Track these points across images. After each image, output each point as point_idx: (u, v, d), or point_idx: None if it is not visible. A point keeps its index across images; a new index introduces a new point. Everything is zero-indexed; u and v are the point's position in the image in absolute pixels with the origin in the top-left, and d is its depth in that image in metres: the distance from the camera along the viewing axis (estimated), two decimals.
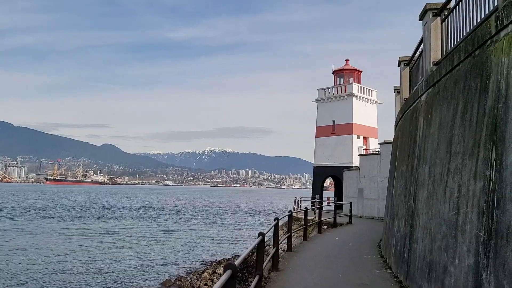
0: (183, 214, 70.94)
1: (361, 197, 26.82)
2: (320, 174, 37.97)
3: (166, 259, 31.28)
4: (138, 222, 55.30)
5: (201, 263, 31.31)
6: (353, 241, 14.48)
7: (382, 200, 25.00)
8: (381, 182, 25.19)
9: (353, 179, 28.38)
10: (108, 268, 27.51)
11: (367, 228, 19.65)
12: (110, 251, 33.33)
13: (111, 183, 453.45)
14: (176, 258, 31.81)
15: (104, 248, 34.33)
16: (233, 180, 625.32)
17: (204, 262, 31.17)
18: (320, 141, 38.02)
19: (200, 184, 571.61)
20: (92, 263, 28.87)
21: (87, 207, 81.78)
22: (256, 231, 47.83)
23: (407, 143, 8.96)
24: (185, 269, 28.41)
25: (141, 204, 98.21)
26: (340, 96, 36.52)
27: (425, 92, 7.80)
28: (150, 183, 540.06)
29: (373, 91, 38.28)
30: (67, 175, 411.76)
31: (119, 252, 32.91)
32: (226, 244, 38.97)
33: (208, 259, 32.54)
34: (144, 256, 31.62)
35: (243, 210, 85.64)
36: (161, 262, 30.00)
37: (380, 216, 25.10)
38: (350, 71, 38.14)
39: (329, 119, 37.34)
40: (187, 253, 34.53)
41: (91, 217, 59.54)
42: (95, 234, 42.30)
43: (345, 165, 34.21)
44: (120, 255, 31.56)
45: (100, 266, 28.10)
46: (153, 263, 29.67)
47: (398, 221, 8.89)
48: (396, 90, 14.59)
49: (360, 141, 36.06)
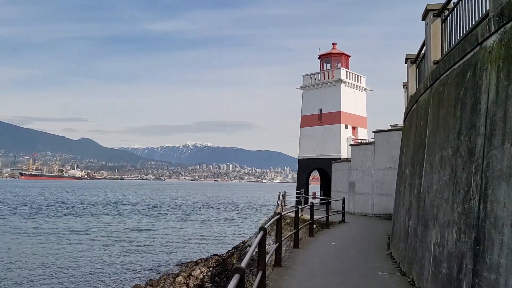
0: (159, 210, 68.07)
1: (353, 191, 24.09)
2: (305, 167, 35.18)
3: (138, 261, 28.71)
4: (110, 219, 52.41)
5: (177, 264, 28.97)
6: (354, 247, 11.63)
7: (377, 195, 22.32)
8: (376, 175, 22.50)
9: (343, 172, 25.62)
10: (69, 273, 24.72)
11: (364, 228, 16.89)
12: (75, 252, 30.57)
13: (88, 178, 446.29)
14: (149, 260, 29.33)
15: (70, 249, 31.59)
16: (214, 174, 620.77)
17: (179, 263, 28.88)
18: (305, 131, 35.16)
19: (180, 178, 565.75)
20: (51, 267, 25.89)
21: (60, 203, 78.04)
22: (237, 228, 45.60)
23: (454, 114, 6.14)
24: (159, 272, 25.97)
25: (116, 200, 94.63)
26: (327, 82, 33.65)
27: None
28: (129, 178, 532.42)
29: (362, 77, 35.57)
30: (43, 170, 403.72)
31: (85, 253, 30.30)
32: (204, 243, 36.43)
33: (184, 259, 30.16)
34: (113, 258, 28.83)
35: (223, 205, 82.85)
36: (132, 265, 27.44)
37: (375, 212, 22.43)
38: (337, 55, 35.27)
39: (315, 108, 34.48)
40: (161, 253, 32.02)
41: (61, 214, 56.39)
42: (63, 234, 39.28)
43: (333, 157, 31.48)
44: (86, 258, 28.92)
45: (61, 270, 25.25)
46: (122, 266, 26.99)
47: (442, 231, 6.03)
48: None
49: (348, 131, 33.35)
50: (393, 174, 21.56)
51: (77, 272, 24.70)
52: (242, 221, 53.64)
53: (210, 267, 26.54)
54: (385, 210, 21.93)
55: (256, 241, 5.77)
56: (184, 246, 34.78)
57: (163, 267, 27.74)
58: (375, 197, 22.43)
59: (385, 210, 21.94)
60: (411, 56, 11.34)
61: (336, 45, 36.47)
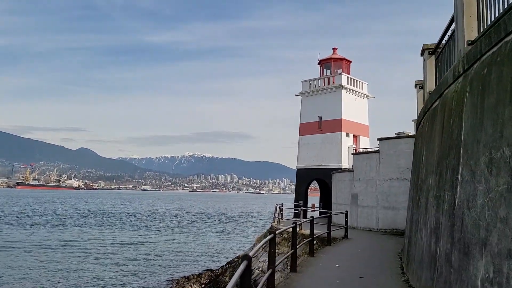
0: (152, 222, 66.01)
1: (355, 204, 22.24)
2: (304, 177, 33.32)
3: (125, 277, 26.87)
4: (99, 231, 50.52)
5: (167, 280, 27.24)
6: (362, 271, 9.80)
7: (383, 209, 20.49)
8: (381, 186, 20.69)
9: (344, 183, 23.80)
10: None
11: (370, 246, 15.04)
12: (57, 266, 28.60)
13: (86, 188, 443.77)
14: (138, 275, 27.55)
15: (52, 263, 29.64)
16: (212, 185, 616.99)
17: (170, 279, 27.24)
18: (304, 139, 33.37)
19: (178, 189, 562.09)
20: (29, 281, 24.21)
21: (49, 213, 75.90)
22: (232, 241, 43.69)
23: None
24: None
25: (109, 210, 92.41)
26: (327, 88, 31.94)
27: None
28: (127, 188, 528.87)
29: (364, 84, 33.91)
30: (40, 179, 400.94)
31: (68, 267, 28.48)
32: (198, 257, 34.79)
33: (176, 275, 28.54)
34: (98, 273, 27.08)
35: (219, 217, 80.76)
36: (118, 280, 25.36)
37: (380, 227, 20.57)
38: (338, 61, 33.63)
39: (315, 115, 32.73)
40: (151, 268, 30.36)
41: (48, 225, 54.35)
42: (47, 246, 37.43)
43: (333, 167, 29.69)
44: (68, 272, 27.09)
45: (40, 285, 23.38)
46: (108, 282, 24.87)
47: (497, 262, 4.25)
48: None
49: (350, 140, 31.58)
50: (399, 186, 19.77)
51: None
52: (238, 233, 51.72)
53: (202, 284, 25.32)
54: (391, 225, 20.11)
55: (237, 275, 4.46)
56: (177, 260, 33.15)
57: (152, 283, 26.22)
58: (380, 210, 20.60)
59: (391, 225, 20.10)
60: (429, 46, 9.86)
61: (337, 50, 34.89)
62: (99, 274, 26.65)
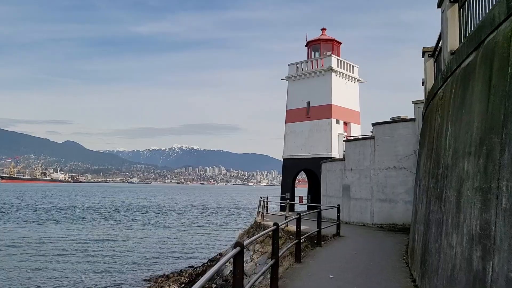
0: (135, 215, 63.47)
1: (347, 196, 20.02)
2: (291, 167, 31.04)
3: (100, 276, 24.64)
4: (78, 226, 48.18)
5: (145, 279, 25.49)
6: (364, 284, 7.52)
7: (378, 201, 18.31)
8: (376, 176, 18.48)
9: (335, 173, 21.54)
10: None
11: (367, 246, 12.81)
12: (26, 264, 26.60)
13: (72, 181, 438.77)
14: (114, 274, 25.40)
15: (24, 260, 27.68)
16: (200, 177, 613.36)
17: (149, 278, 24.80)
18: (291, 127, 31.00)
19: (166, 181, 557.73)
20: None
21: (28, 207, 72.80)
22: (216, 237, 41.46)
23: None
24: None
25: (92, 204, 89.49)
26: (315, 72, 29.52)
27: None
28: (114, 181, 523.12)
29: (355, 67, 31.58)
30: (25, 173, 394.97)
31: (39, 265, 26.55)
32: (180, 254, 33.08)
33: (155, 273, 25.82)
34: (71, 273, 24.92)
35: (205, 210, 78.48)
36: (92, 280, 23.65)
37: (375, 222, 18.39)
38: (327, 42, 31.16)
39: (303, 101, 30.35)
40: (129, 265, 28.10)
41: (25, 220, 51.60)
42: (21, 241, 35.09)
43: (323, 156, 27.43)
44: (39, 270, 25.27)
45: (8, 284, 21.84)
46: (81, 282, 23.10)
47: None
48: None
49: (340, 127, 29.33)
50: (397, 175, 17.59)
51: None
52: (223, 227, 49.56)
53: (182, 283, 22.95)
54: (387, 219, 17.95)
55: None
56: (157, 257, 31.38)
57: (128, 283, 23.95)
58: (376, 203, 18.41)
59: (387, 220, 17.95)
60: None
61: (326, 31, 32.44)
62: (72, 272, 25.15)
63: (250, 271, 17.42)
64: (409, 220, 17.20)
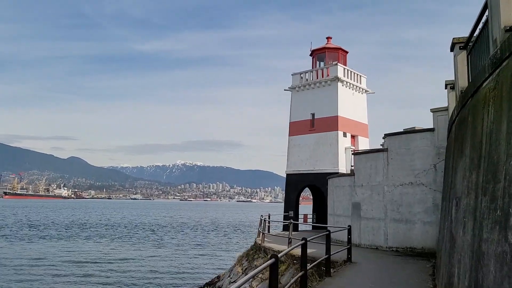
0: (133, 234, 61.22)
1: (357, 215, 18.00)
2: (295, 183, 29.04)
3: None
4: (71, 244, 45.88)
5: None
6: None
7: (393, 222, 16.26)
8: (390, 193, 16.47)
9: (343, 190, 19.56)
10: None
11: (385, 276, 10.78)
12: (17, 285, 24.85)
13: (75, 197, 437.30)
14: None
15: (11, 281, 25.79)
16: (204, 194, 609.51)
17: None
18: (295, 140, 29.10)
19: (169, 198, 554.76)
20: None
21: (24, 225, 70.78)
22: (215, 257, 39.27)
23: None
24: None
25: (90, 221, 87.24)
26: (321, 82, 27.76)
27: None
28: (117, 197, 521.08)
29: (363, 77, 29.84)
30: (28, 189, 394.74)
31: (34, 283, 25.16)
32: (176, 275, 31.07)
33: None
34: None
35: (206, 228, 76.08)
36: None
37: (390, 245, 16.31)
38: (333, 51, 29.49)
39: (307, 112, 28.52)
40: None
41: (19, 238, 49.59)
42: (10, 260, 33.12)
43: (328, 172, 25.47)
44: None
45: None
46: None
47: None
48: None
49: (347, 140, 27.43)
50: (414, 192, 15.58)
51: None
52: (222, 248, 47.32)
53: None
54: (403, 242, 15.88)
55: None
56: (151, 280, 29.49)
57: None
58: (390, 223, 16.37)
59: (403, 243, 15.88)
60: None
61: (331, 39, 30.79)
62: None
63: None
64: (428, 243, 15.17)
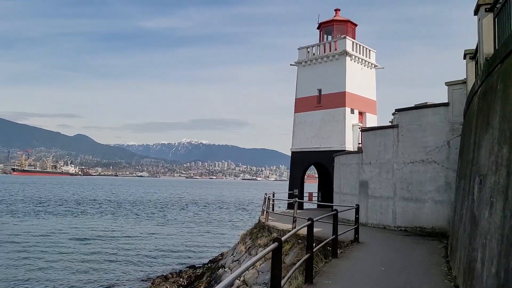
0: (139, 210, 61.48)
1: (365, 194, 17.37)
2: (300, 161, 28.41)
3: (95, 276, 23.01)
4: (78, 220, 46.38)
5: (142, 279, 23.97)
6: None
7: (402, 200, 15.62)
8: (400, 171, 15.78)
9: (350, 167, 18.89)
10: None
11: (396, 258, 10.19)
12: (20, 262, 25.48)
13: (82, 174, 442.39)
14: (110, 274, 23.75)
15: (12, 258, 25.93)
16: (209, 172, 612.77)
17: (146, 279, 22.98)
18: (300, 117, 28.31)
19: (175, 176, 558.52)
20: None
21: (31, 201, 71.32)
22: (220, 234, 39.12)
23: None
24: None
25: (97, 197, 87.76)
26: (328, 56, 26.73)
27: None
28: (123, 175, 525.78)
29: (372, 52, 28.75)
30: (36, 165, 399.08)
31: (34, 263, 25.06)
32: (181, 252, 30.52)
33: (154, 273, 24.07)
34: (63, 272, 23.21)
35: (212, 205, 76.23)
36: (85, 281, 21.82)
37: (399, 225, 15.72)
38: (341, 23, 28.32)
39: (313, 88, 27.61)
40: (127, 265, 25.98)
41: (24, 214, 49.93)
42: (13, 236, 33.37)
43: (335, 149, 24.77)
44: (31, 270, 23.55)
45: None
46: (73, 283, 21.49)
47: None
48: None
49: (354, 117, 26.59)
50: (425, 170, 14.88)
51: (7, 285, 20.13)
52: (227, 225, 47.27)
53: (180, 285, 21.42)
54: (413, 221, 15.27)
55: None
56: (157, 255, 29.62)
57: (123, 283, 22.06)
58: (399, 202, 15.73)
59: (413, 222, 15.27)
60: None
61: (340, 12, 29.58)
62: (65, 269, 23.81)
63: (251, 280, 14.95)
64: (439, 223, 14.55)
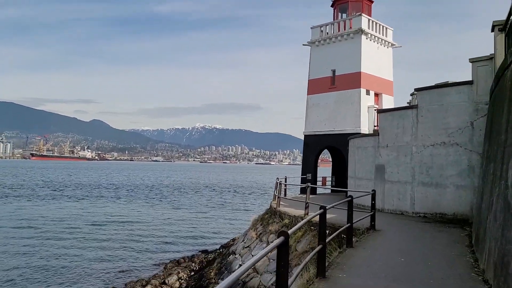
0: (155, 194, 61.76)
1: (381, 179, 16.56)
2: (313, 145, 27.59)
3: (109, 260, 23.30)
4: (92, 205, 46.87)
5: (155, 263, 23.02)
6: None
7: (421, 185, 14.78)
8: (419, 155, 14.89)
9: (366, 151, 18.06)
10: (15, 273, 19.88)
11: (415, 247, 9.45)
12: (37, 246, 25.39)
13: (99, 159, 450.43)
14: (124, 258, 23.85)
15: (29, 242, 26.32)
16: (223, 156, 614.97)
17: (159, 263, 22.96)
18: (313, 99, 27.38)
19: (189, 160, 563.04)
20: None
21: (51, 184, 72.43)
22: (233, 219, 38.91)
23: None
24: (130, 275, 20.66)
25: (114, 181, 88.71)
26: (343, 35, 25.61)
27: None
28: (139, 159, 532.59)
29: (389, 30, 27.51)
30: (54, 150, 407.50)
31: (49, 247, 25.28)
32: (195, 236, 30.45)
33: (166, 258, 23.98)
34: (77, 256, 23.44)
35: (226, 189, 76.16)
36: (100, 264, 22.25)
37: (417, 211, 14.91)
38: (357, 0, 27.15)
39: (327, 69, 26.59)
40: (141, 249, 25.92)
41: (40, 198, 50.67)
42: (29, 220, 33.95)
43: (350, 132, 23.88)
44: (48, 252, 24.06)
45: (8, 267, 20.70)
46: (87, 266, 21.61)
47: None
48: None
49: (370, 99, 25.56)
50: (447, 153, 13.97)
51: (23, 271, 20.12)
52: (240, 209, 47.01)
53: (192, 270, 21.24)
54: (433, 208, 14.45)
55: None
56: (170, 240, 29.10)
57: (136, 268, 22.08)
58: (417, 187, 14.90)
59: (432, 208, 14.45)
60: None
61: None
62: (78, 255, 23.89)
63: (262, 268, 14.42)
64: (461, 209, 13.70)
